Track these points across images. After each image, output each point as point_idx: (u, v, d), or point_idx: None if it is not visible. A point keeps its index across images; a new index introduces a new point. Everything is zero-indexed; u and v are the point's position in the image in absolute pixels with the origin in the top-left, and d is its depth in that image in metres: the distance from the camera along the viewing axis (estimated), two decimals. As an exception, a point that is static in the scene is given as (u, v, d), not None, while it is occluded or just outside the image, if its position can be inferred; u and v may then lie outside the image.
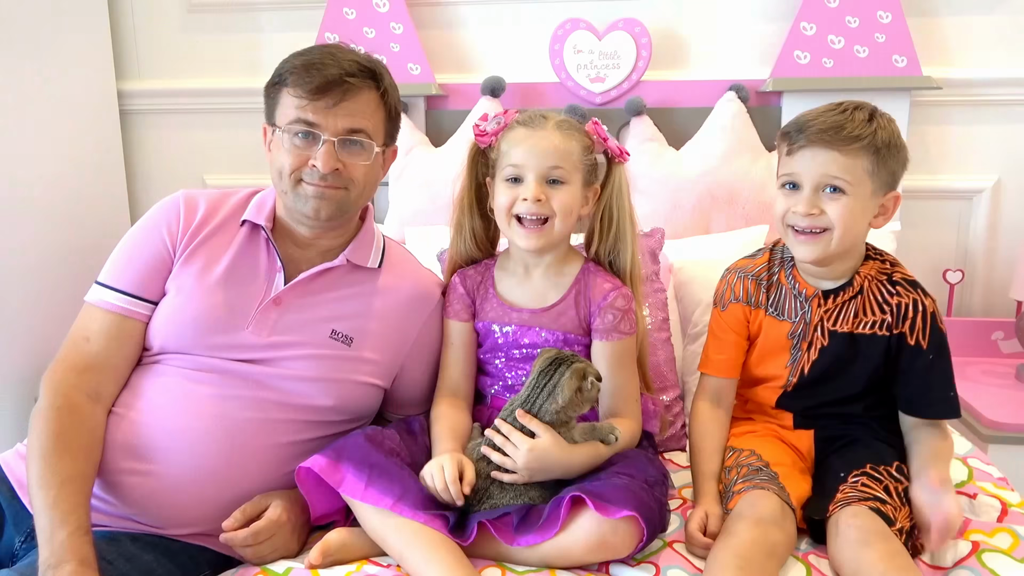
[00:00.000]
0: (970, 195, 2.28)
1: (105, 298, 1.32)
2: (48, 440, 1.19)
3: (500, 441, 1.26)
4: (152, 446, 1.24)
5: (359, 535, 1.23)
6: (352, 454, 1.24)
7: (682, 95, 2.26)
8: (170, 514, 1.24)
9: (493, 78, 2.24)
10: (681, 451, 1.67)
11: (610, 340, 1.38)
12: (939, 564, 1.22)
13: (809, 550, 1.25)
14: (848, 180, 1.27)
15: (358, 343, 1.36)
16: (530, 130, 1.35)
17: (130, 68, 2.50)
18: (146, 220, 1.39)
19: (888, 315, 1.35)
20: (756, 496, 1.23)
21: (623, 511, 1.13)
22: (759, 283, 1.44)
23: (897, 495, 1.26)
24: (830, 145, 1.26)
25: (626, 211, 1.41)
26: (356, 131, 1.31)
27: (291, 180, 1.31)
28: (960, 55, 2.22)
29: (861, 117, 1.27)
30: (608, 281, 1.40)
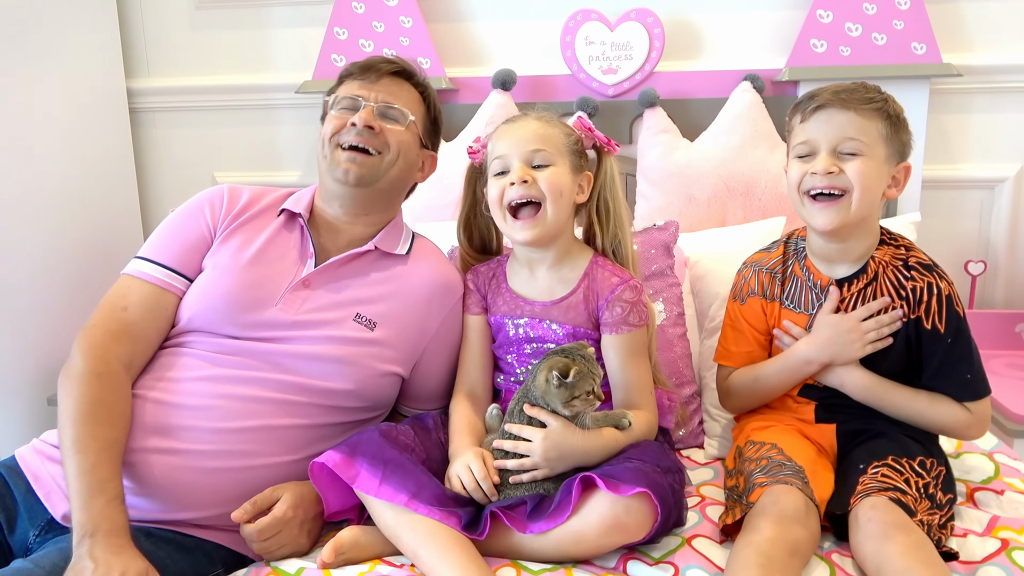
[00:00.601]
0: (992, 184, 2.23)
1: (144, 270, 1.36)
2: (88, 405, 1.20)
3: (511, 445, 1.25)
4: (175, 424, 1.25)
5: (372, 534, 1.21)
6: (366, 449, 1.23)
7: (696, 86, 2.22)
8: (188, 493, 1.24)
9: (504, 71, 2.21)
10: (699, 448, 1.65)
11: (619, 333, 1.36)
12: (967, 558, 1.18)
13: (832, 548, 1.23)
14: (864, 141, 1.28)
15: (381, 327, 1.38)
16: (510, 123, 1.39)
17: (139, 66, 2.49)
18: (189, 203, 1.45)
19: (903, 301, 1.33)
20: (779, 492, 1.20)
21: (635, 488, 1.13)
22: (774, 276, 1.43)
23: (918, 489, 1.22)
24: (846, 105, 1.28)
25: (620, 200, 1.43)
26: (392, 107, 1.42)
27: (331, 145, 1.40)
28: (981, 41, 2.17)
29: (870, 89, 1.31)
30: (616, 274, 1.39)
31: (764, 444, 1.35)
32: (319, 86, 2.26)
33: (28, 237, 2.04)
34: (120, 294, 1.34)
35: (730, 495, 1.32)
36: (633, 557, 1.20)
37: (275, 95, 2.43)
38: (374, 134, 1.39)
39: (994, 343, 2.16)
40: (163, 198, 2.56)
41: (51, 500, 1.24)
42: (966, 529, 1.27)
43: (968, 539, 1.23)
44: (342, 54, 2.28)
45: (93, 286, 2.23)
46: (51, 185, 2.12)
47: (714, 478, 1.51)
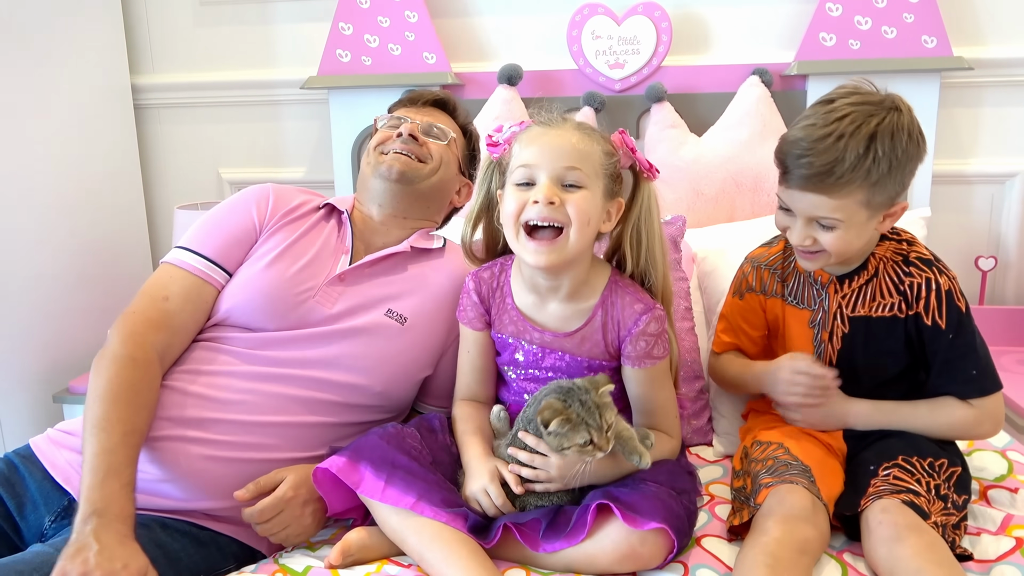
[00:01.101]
0: (1003, 179, 2.22)
1: (187, 260, 1.36)
2: (118, 387, 1.19)
3: (527, 458, 1.20)
4: (203, 416, 1.26)
5: (379, 535, 1.20)
6: (371, 454, 1.22)
7: (704, 80, 2.21)
8: (209, 482, 1.24)
9: (510, 66, 2.20)
10: (707, 445, 1.63)
11: (644, 367, 1.28)
12: (981, 557, 1.17)
13: (844, 548, 1.21)
14: (839, 218, 1.22)
15: (411, 323, 1.40)
16: (546, 127, 1.23)
17: (144, 62, 2.49)
18: (235, 199, 1.47)
19: (901, 298, 1.31)
20: (785, 491, 1.19)
21: (652, 523, 1.10)
22: (773, 272, 1.42)
23: (931, 489, 1.21)
24: (819, 190, 1.20)
25: (655, 232, 1.29)
26: (434, 126, 1.51)
27: (376, 152, 1.47)
28: (992, 34, 2.15)
29: (856, 149, 1.17)
30: (639, 301, 1.28)
31: (771, 444, 1.33)
32: (324, 82, 2.26)
33: (33, 233, 2.04)
34: (162, 283, 1.34)
35: (737, 496, 1.30)
36: (643, 558, 1.18)
37: (280, 91, 2.42)
38: (418, 145, 1.46)
39: (1005, 339, 2.14)
40: (168, 194, 2.56)
41: (72, 484, 1.25)
42: (980, 528, 1.25)
43: (982, 538, 1.21)
44: (347, 49, 2.27)
45: (99, 282, 2.25)
46: (56, 181, 2.12)
47: (723, 476, 1.50)
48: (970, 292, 2.21)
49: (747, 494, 1.27)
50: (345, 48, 2.28)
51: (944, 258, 1.35)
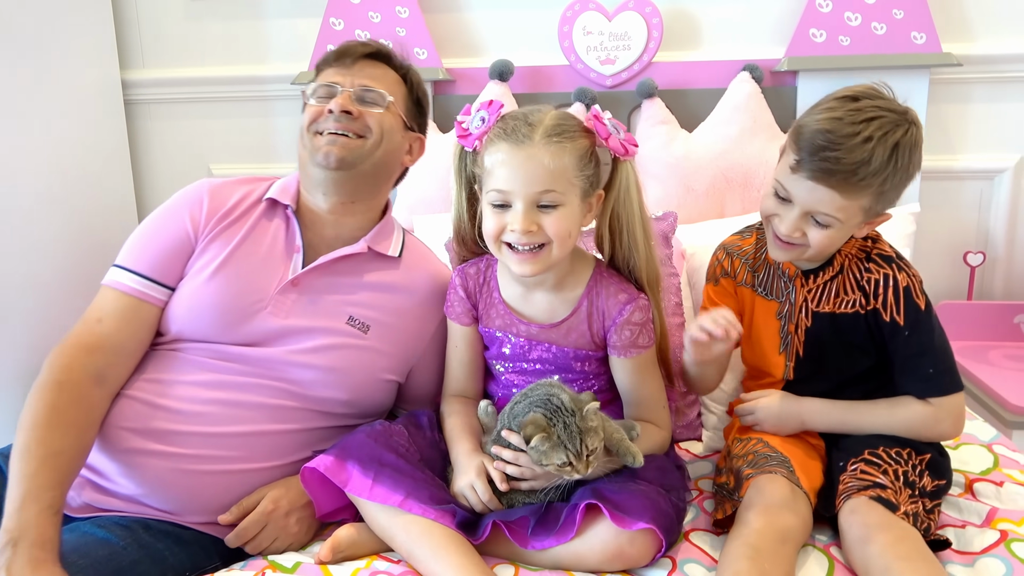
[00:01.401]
0: (991, 175, 2.21)
1: (121, 279, 1.32)
2: (42, 413, 1.17)
3: (511, 456, 1.20)
4: (167, 429, 1.23)
5: (369, 531, 1.21)
6: (358, 452, 1.22)
7: (694, 76, 2.20)
8: (184, 497, 1.23)
9: (501, 62, 2.20)
10: (697, 440, 1.64)
11: (629, 356, 1.30)
12: (965, 549, 1.18)
13: (831, 542, 1.22)
14: (839, 217, 1.22)
15: (374, 332, 1.35)
16: (514, 146, 1.17)
17: (134, 58, 2.47)
18: (169, 205, 1.39)
19: (862, 294, 1.30)
20: (764, 481, 1.21)
21: (640, 523, 1.10)
22: (744, 262, 1.42)
23: (898, 477, 1.22)
24: (834, 187, 1.19)
25: (636, 213, 1.27)
26: (370, 90, 1.35)
27: (309, 134, 1.34)
28: (981, 31, 2.16)
29: (882, 156, 1.16)
30: (623, 291, 1.29)
31: (751, 439, 1.35)
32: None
33: (22, 230, 2.03)
34: (97, 306, 1.31)
35: (720, 491, 1.32)
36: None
37: (271, 86, 2.41)
38: (353, 119, 1.32)
39: (993, 334, 2.16)
40: (158, 190, 2.54)
41: None
42: (965, 521, 1.27)
43: (967, 530, 1.22)
44: (337, 44, 2.26)
45: (88, 279, 2.17)
46: (46, 178, 2.10)
47: (711, 472, 1.51)
48: (959, 287, 2.23)
49: (730, 489, 1.28)
50: (336, 43, 2.23)
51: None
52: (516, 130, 1.19)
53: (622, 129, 1.26)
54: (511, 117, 1.23)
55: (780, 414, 1.35)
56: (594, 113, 1.24)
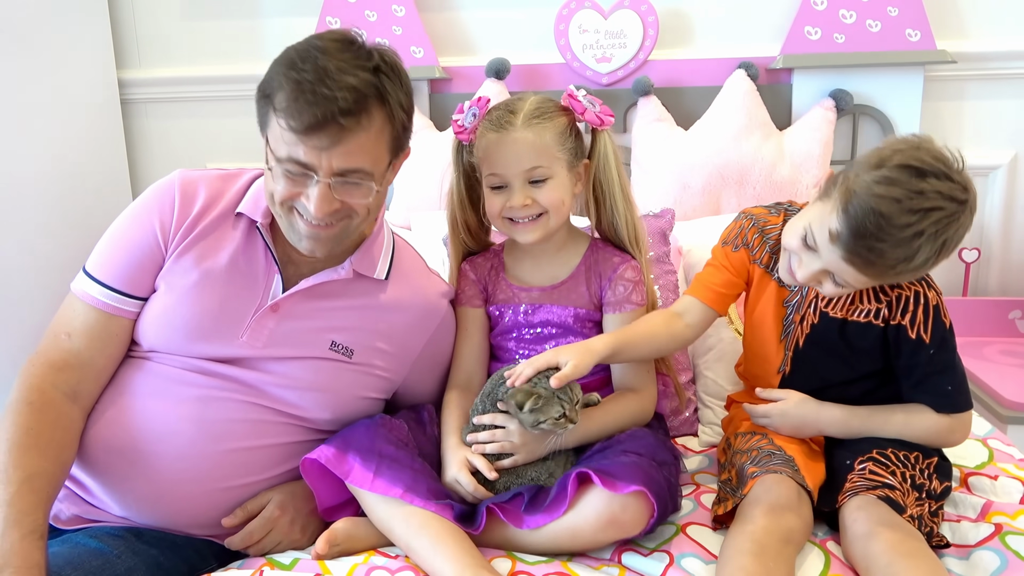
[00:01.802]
0: (986, 172, 2.22)
1: (90, 291, 1.23)
2: (16, 434, 1.12)
3: (487, 436, 1.25)
4: (140, 449, 1.20)
5: (366, 525, 1.21)
6: (360, 444, 1.22)
7: (690, 74, 2.23)
8: (167, 514, 1.22)
9: (497, 60, 2.21)
10: (693, 436, 1.65)
11: (622, 312, 1.38)
12: (960, 542, 1.19)
13: (828, 536, 1.23)
14: (855, 285, 1.21)
15: (359, 355, 1.29)
16: (499, 134, 1.31)
17: (130, 57, 2.47)
18: (138, 208, 1.28)
19: (884, 305, 1.28)
20: (771, 481, 1.20)
21: (631, 486, 1.12)
22: (765, 242, 1.38)
23: (907, 480, 1.22)
24: (868, 274, 1.16)
25: (614, 179, 1.38)
26: (354, 171, 1.14)
27: (284, 208, 1.18)
28: (975, 28, 2.17)
29: (927, 253, 1.11)
30: (616, 255, 1.41)
31: (754, 435, 1.35)
32: None
33: (18, 229, 2.03)
34: (65, 319, 1.24)
35: (723, 488, 1.31)
36: (628, 548, 1.19)
37: None
38: (336, 212, 1.17)
39: (988, 330, 2.17)
40: None
41: None
42: (960, 515, 1.27)
43: (962, 524, 1.23)
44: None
45: None
46: (43, 177, 2.10)
47: (709, 466, 1.51)
48: (954, 283, 2.24)
49: (733, 486, 1.28)
50: None
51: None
52: (500, 118, 1.32)
53: (597, 103, 1.37)
54: (496, 108, 1.35)
55: (799, 422, 1.33)
56: (568, 92, 1.36)
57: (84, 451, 1.21)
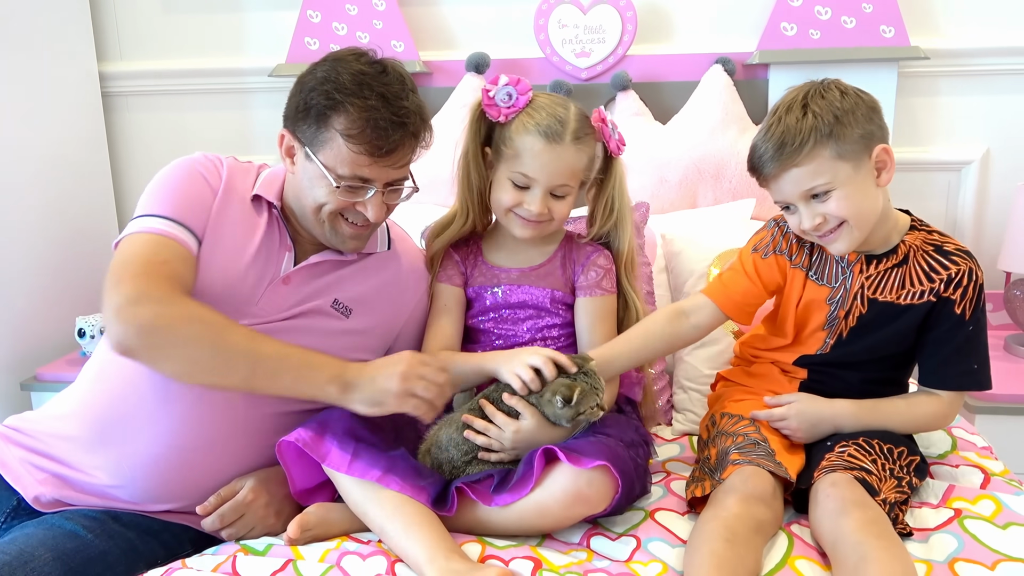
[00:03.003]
0: (958, 167, 2.26)
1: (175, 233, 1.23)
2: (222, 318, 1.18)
3: (482, 425, 1.26)
4: (135, 416, 1.22)
5: (339, 510, 1.22)
6: (336, 427, 1.24)
7: (668, 69, 2.24)
8: (153, 486, 1.23)
9: (477, 54, 2.21)
10: (667, 425, 1.66)
11: (593, 296, 1.42)
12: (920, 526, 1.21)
13: (792, 520, 1.25)
14: (824, 181, 1.25)
15: (356, 314, 1.36)
16: (549, 144, 1.32)
17: (111, 49, 2.46)
18: (184, 169, 1.31)
19: (937, 282, 1.30)
20: (750, 473, 1.22)
21: (595, 461, 1.15)
22: (803, 245, 1.40)
23: (884, 469, 1.24)
24: (785, 167, 1.26)
25: (626, 201, 1.44)
26: (403, 179, 1.32)
27: (330, 216, 1.28)
28: (948, 25, 2.19)
29: (794, 117, 1.25)
30: (590, 246, 1.46)
31: (742, 419, 1.36)
32: (292, 70, 2.24)
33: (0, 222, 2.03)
34: (154, 251, 1.20)
35: (703, 467, 1.33)
36: (597, 532, 1.22)
37: (249, 79, 2.41)
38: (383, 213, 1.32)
39: (960, 323, 2.19)
40: (137, 183, 2.53)
41: (21, 483, 1.25)
42: (921, 501, 1.29)
43: (923, 510, 1.25)
44: (315, 37, 2.28)
45: (67, 270, 2.24)
46: (23, 170, 2.10)
47: (680, 454, 1.53)
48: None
49: (712, 466, 1.30)
50: (314, 36, 2.28)
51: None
52: (551, 128, 1.32)
53: (616, 129, 1.40)
54: (542, 109, 1.35)
55: (816, 419, 1.34)
56: (600, 116, 1.38)
57: (81, 421, 1.23)
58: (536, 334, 1.42)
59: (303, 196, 1.29)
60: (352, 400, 1.20)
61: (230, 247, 1.29)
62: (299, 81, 1.28)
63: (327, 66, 1.25)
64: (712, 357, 1.69)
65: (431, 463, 1.28)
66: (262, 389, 1.19)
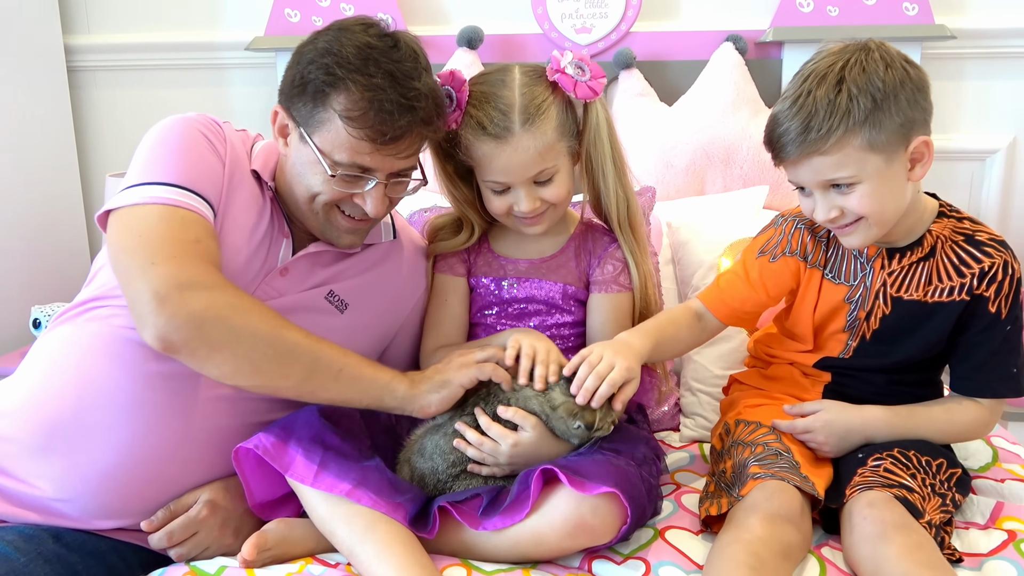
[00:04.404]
0: (983, 155, 2.15)
1: (195, 205, 1.09)
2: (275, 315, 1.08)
3: (475, 440, 1.12)
4: (92, 421, 1.08)
5: (303, 527, 1.09)
6: (303, 433, 1.10)
7: (675, 47, 2.14)
8: (106, 501, 1.09)
9: (469, 28, 2.10)
10: (674, 431, 1.54)
11: (609, 292, 1.31)
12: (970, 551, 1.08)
13: (823, 542, 1.12)
14: (849, 173, 1.10)
15: (353, 308, 1.25)
16: (500, 144, 1.19)
17: (78, 21, 2.35)
18: (192, 132, 1.15)
19: (970, 278, 1.17)
20: (774, 488, 1.08)
21: (602, 487, 1.01)
22: (819, 241, 1.26)
23: (926, 486, 1.11)
24: (808, 154, 1.10)
25: (606, 152, 1.26)
26: (409, 169, 1.18)
27: (324, 207, 1.17)
28: (975, 3, 2.08)
29: (825, 94, 1.08)
30: (607, 235, 1.35)
31: (760, 426, 1.23)
32: (271, 43, 2.15)
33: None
34: (181, 227, 1.06)
35: (718, 481, 1.19)
36: (599, 555, 1.08)
37: (224, 53, 2.31)
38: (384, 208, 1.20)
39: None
40: (105, 163, 2.42)
41: None
42: (967, 522, 1.17)
43: (970, 532, 1.12)
44: (296, 8, 2.16)
45: (29, 255, 2.15)
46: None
47: (690, 463, 1.40)
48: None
49: (728, 480, 1.16)
50: (294, 7, 2.16)
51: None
52: (493, 122, 1.19)
53: (587, 66, 1.23)
54: (481, 103, 1.20)
55: (844, 431, 1.20)
56: (555, 67, 1.22)
57: (26, 426, 1.09)
58: (544, 332, 1.29)
59: (295, 182, 1.17)
60: (422, 392, 1.13)
61: (238, 229, 1.15)
62: (297, 51, 1.14)
63: (330, 36, 1.11)
64: (723, 356, 1.56)
65: (410, 474, 1.15)
66: (316, 394, 1.10)
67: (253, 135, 1.28)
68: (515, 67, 1.24)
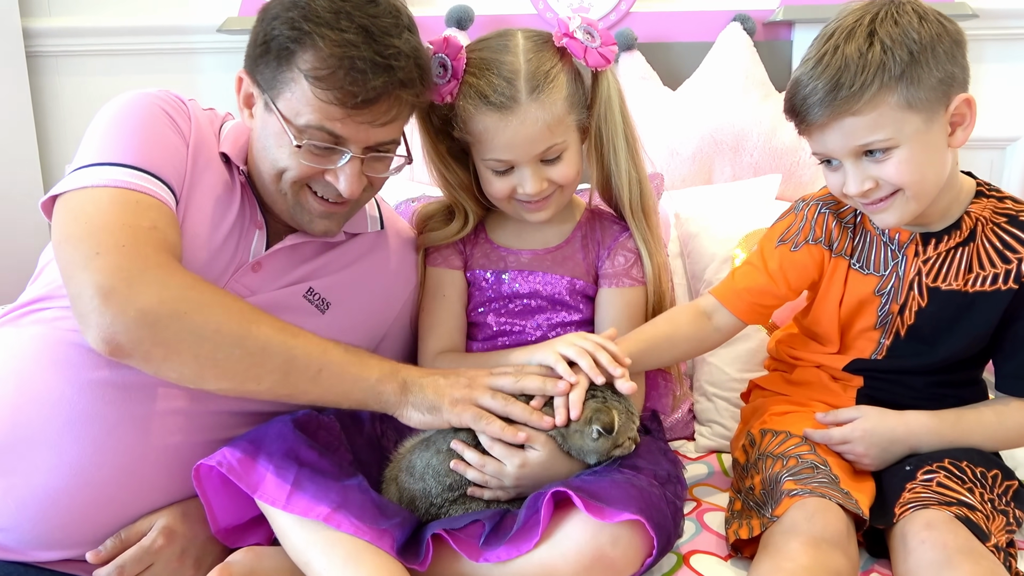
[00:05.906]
0: (1003, 144, 2.09)
1: (154, 189, 0.99)
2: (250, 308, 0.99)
3: (477, 462, 1.02)
4: (32, 440, 0.96)
5: (273, 557, 0.98)
6: (274, 447, 0.99)
7: (679, 28, 2.08)
8: (48, 529, 0.97)
9: (459, 7, 2.01)
10: (688, 439, 1.44)
11: (620, 286, 1.22)
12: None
13: (870, 567, 1.00)
14: (885, 136, 0.99)
15: (335, 308, 1.15)
16: (505, 116, 1.10)
17: (38, 3, 2.24)
18: (153, 110, 1.05)
19: (1016, 264, 1.06)
20: (815, 507, 0.96)
21: (624, 513, 0.91)
22: (845, 227, 1.15)
23: (987, 504, 0.99)
24: (838, 115, 1.00)
25: (618, 126, 1.18)
26: (390, 142, 1.08)
27: (293, 187, 1.06)
28: (996, -19, 2.01)
29: (856, 48, 0.99)
30: (617, 223, 1.26)
31: (789, 436, 1.11)
32: (245, 24, 2.03)
33: None
34: (135, 212, 0.96)
35: (744, 500, 1.07)
36: (618, 584, 0.95)
37: (195, 37, 2.22)
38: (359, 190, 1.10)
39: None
40: (66, 154, 2.32)
41: None
42: (1030, 541, 1.05)
43: (1037, 555, 1.01)
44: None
45: None
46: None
47: (708, 476, 1.29)
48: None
49: (758, 499, 1.04)
50: None
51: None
52: (496, 91, 1.09)
53: (596, 32, 1.14)
54: (481, 70, 1.11)
55: (887, 442, 1.09)
56: (563, 31, 1.12)
57: None
58: (549, 331, 1.21)
59: (260, 158, 1.07)
60: (406, 404, 1.04)
61: (203, 218, 1.05)
62: (263, 8, 1.03)
63: None
64: (741, 357, 1.45)
65: (398, 494, 1.03)
66: (294, 396, 1.01)
67: (223, 114, 1.17)
68: (517, 31, 1.14)
